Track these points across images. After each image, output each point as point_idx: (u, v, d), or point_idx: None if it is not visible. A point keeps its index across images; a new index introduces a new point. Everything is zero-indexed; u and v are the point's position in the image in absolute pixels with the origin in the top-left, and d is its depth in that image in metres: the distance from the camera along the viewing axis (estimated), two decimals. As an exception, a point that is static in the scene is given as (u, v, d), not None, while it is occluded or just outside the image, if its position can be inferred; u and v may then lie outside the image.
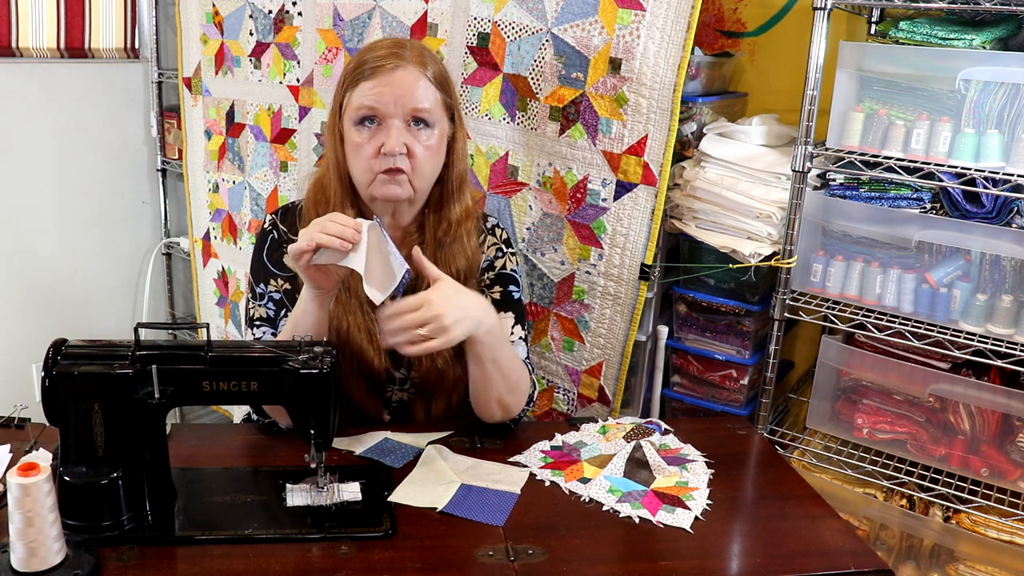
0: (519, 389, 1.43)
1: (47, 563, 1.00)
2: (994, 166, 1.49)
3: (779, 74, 2.01)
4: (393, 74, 1.38)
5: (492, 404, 1.41)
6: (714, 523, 1.22)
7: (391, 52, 1.40)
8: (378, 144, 1.38)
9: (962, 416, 1.62)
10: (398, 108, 1.38)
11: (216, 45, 2.40)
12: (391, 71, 1.38)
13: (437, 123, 1.42)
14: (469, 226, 1.51)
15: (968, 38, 1.52)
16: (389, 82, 1.38)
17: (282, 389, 1.17)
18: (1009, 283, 1.53)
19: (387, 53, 1.40)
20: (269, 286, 1.48)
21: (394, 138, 1.37)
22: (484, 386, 1.39)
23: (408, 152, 1.39)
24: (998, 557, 1.54)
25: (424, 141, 1.41)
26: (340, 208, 1.45)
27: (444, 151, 1.46)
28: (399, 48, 1.41)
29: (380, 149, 1.38)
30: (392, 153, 1.37)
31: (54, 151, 2.51)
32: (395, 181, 1.40)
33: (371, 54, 1.41)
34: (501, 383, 1.39)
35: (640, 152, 1.69)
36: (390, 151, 1.37)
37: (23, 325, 2.51)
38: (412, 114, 1.39)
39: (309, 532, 1.14)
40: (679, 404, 1.96)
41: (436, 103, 1.41)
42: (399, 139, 1.37)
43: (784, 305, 1.70)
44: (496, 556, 1.11)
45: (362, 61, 1.41)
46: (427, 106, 1.39)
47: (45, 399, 1.11)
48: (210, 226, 2.59)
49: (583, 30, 1.69)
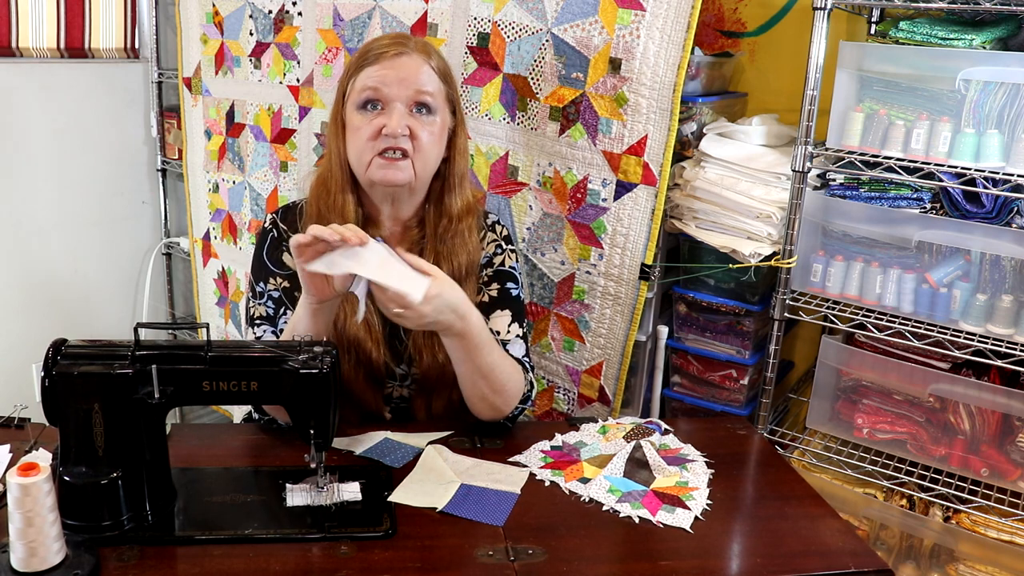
0: (506, 390, 1.41)
1: (47, 563, 1.00)
2: (994, 166, 1.49)
3: (779, 74, 2.02)
4: (397, 59, 1.40)
5: (476, 402, 1.42)
6: (714, 523, 1.22)
7: (396, 41, 1.42)
8: (379, 126, 1.38)
9: (962, 416, 1.62)
10: (401, 91, 1.39)
11: (216, 45, 2.40)
12: (395, 56, 1.40)
13: (439, 110, 1.43)
14: (470, 222, 1.50)
15: (968, 38, 1.52)
16: (393, 66, 1.39)
17: (282, 389, 1.17)
18: (1009, 283, 1.53)
19: (391, 42, 1.42)
20: (268, 285, 1.48)
21: (396, 119, 1.38)
22: (466, 384, 1.40)
23: (412, 134, 1.39)
24: (998, 557, 1.54)
25: (427, 127, 1.41)
26: (341, 197, 1.45)
27: (445, 141, 1.47)
28: (404, 39, 1.44)
29: (380, 131, 1.38)
30: (394, 134, 1.37)
31: (54, 151, 2.51)
32: (395, 166, 1.40)
33: (376, 43, 1.43)
34: (482, 383, 1.38)
35: (640, 152, 1.69)
36: (392, 132, 1.37)
37: (23, 325, 2.51)
38: (415, 98, 1.40)
39: (309, 532, 1.14)
40: (679, 404, 1.96)
41: (439, 91, 1.43)
42: (401, 120, 1.38)
43: (784, 305, 1.70)
44: (496, 556, 1.11)
45: (367, 49, 1.43)
46: (430, 90, 1.41)
47: (45, 399, 1.11)
48: (210, 226, 2.59)
49: (583, 30, 1.69)
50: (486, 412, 1.43)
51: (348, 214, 1.45)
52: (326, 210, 1.45)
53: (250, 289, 1.51)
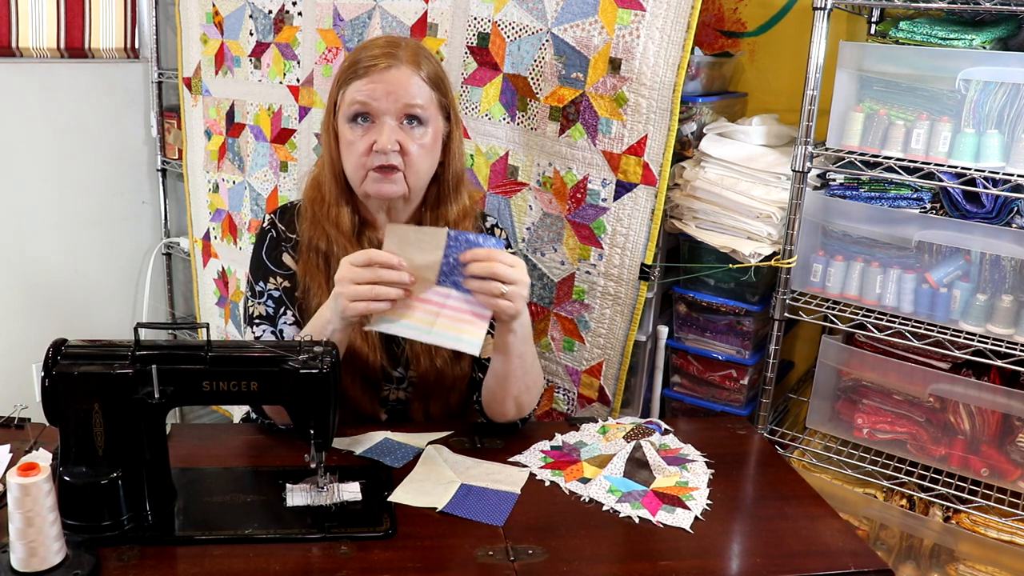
0: (535, 387, 1.44)
1: (47, 563, 1.00)
2: (994, 166, 1.49)
3: (779, 74, 2.01)
4: (386, 72, 1.38)
5: (509, 402, 1.41)
6: (714, 523, 1.22)
7: (385, 52, 1.40)
8: (370, 141, 1.38)
9: (962, 416, 1.62)
10: (390, 105, 1.38)
11: (216, 45, 2.40)
12: (384, 70, 1.38)
13: (431, 121, 1.42)
14: (467, 226, 1.50)
15: (968, 38, 1.52)
16: (382, 79, 1.38)
17: (282, 389, 1.17)
18: (1009, 283, 1.53)
19: (381, 52, 1.40)
20: (268, 284, 1.49)
21: (386, 135, 1.37)
22: (505, 382, 1.39)
23: (402, 149, 1.39)
24: (998, 557, 1.54)
25: (418, 139, 1.40)
26: (336, 209, 1.45)
27: (439, 150, 1.46)
28: (393, 48, 1.41)
29: (372, 146, 1.38)
30: (384, 151, 1.37)
31: (54, 151, 2.51)
32: (388, 180, 1.40)
33: (365, 52, 1.41)
34: (522, 380, 1.39)
35: (640, 152, 1.69)
36: (382, 148, 1.37)
37: (23, 325, 2.51)
38: (405, 111, 1.39)
39: (309, 532, 1.14)
40: (679, 404, 1.96)
41: (430, 101, 1.41)
42: (391, 136, 1.37)
43: (784, 305, 1.70)
44: (496, 556, 1.11)
45: (356, 60, 1.41)
46: (420, 102, 1.39)
47: (45, 399, 1.11)
48: (210, 226, 2.59)
49: (583, 30, 1.69)
50: (511, 412, 1.43)
51: (343, 225, 1.45)
52: (323, 219, 1.46)
53: (249, 289, 1.51)
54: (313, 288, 1.45)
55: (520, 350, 1.36)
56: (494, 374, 1.40)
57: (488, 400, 1.44)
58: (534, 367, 1.42)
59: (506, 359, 1.36)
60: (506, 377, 1.38)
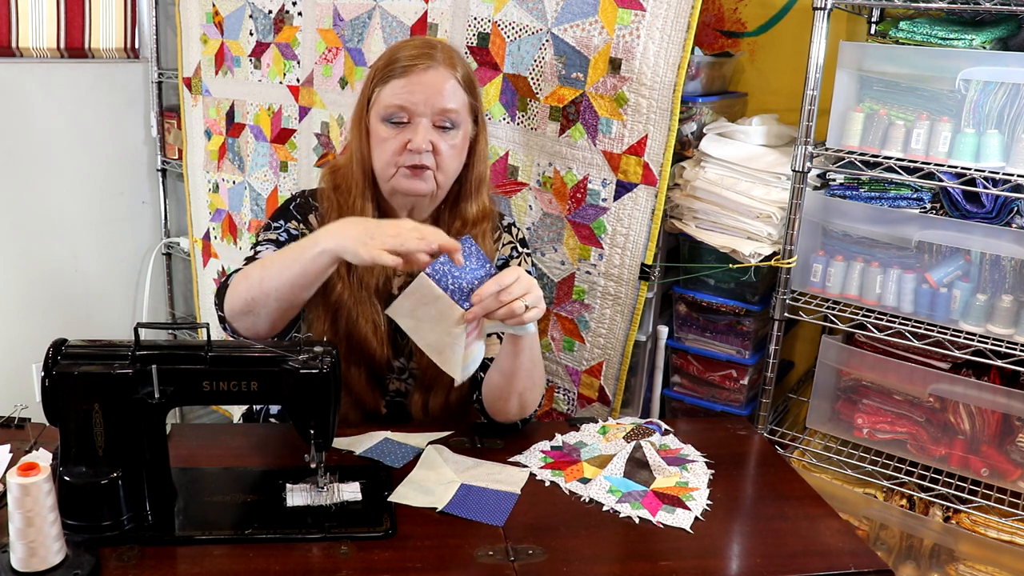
0: (539, 384, 1.44)
1: (47, 563, 1.00)
2: (994, 166, 1.49)
3: (779, 74, 2.01)
4: (424, 74, 1.40)
5: (513, 399, 1.41)
6: (714, 523, 1.22)
7: (423, 52, 1.42)
8: (404, 140, 1.40)
9: (962, 416, 1.62)
10: (427, 108, 1.40)
11: (216, 45, 2.40)
12: (423, 71, 1.40)
13: (462, 124, 1.44)
14: (485, 227, 1.52)
15: (968, 38, 1.52)
16: (420, 81, 1.40)
17: (282, 389, 1.17)
18: (1009, 283, 1.53)
19: (419, 52, 1.42)
20: (289, 223, 1.49)
21: (421, 135, 1.39)
22: (511, 380, 1.39)
23: (434, 149, 1.41)
24: (998, 557, 1.54)
25: (449, 140, 1.43)
26: (360, 202, 1.46)
27: (466, 151, 1.48)
28: (430, 48, 1.43)
29: (406, 145, 1.40)
30: (419, 151, 1.39)
31: (54, 151, 2.51)
32: (420, 177, 1.42)
33: (402, 52, 1.43)
34: (528, 378, 1.39)
35: (640, 152, 1.69)
36: (417, 148, 1.39)
37: (23, 325, 2.51)
38: (440, 114, 1.41)
39: (309, 532, 1.14)
40: (679, 404, 1.96)
41: (463, 105, 1.43)
42: (426, 137, 1.40)
43: (784, 305, 1.70)
44: (496, 556, 1.11)
45: (394, 59, 1.43)
46: (455, 107, 1.41)
47: (45, 399, 1.11)
48: (210, 226, 2.59)
49: (583, 30, 1.69)
50: (514, 411, 1.43)
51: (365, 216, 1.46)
52: (347, 209, 1.46)
53: (262, 232, 1.50)
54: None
55: (530, 346, 1.37)
56: (500, 370, 1.40)
57: (492, 398, 1.44)
58: (539, 366, 1.42)
59: (516, 357, 1.37)
60: (514, 373, 1.38)
